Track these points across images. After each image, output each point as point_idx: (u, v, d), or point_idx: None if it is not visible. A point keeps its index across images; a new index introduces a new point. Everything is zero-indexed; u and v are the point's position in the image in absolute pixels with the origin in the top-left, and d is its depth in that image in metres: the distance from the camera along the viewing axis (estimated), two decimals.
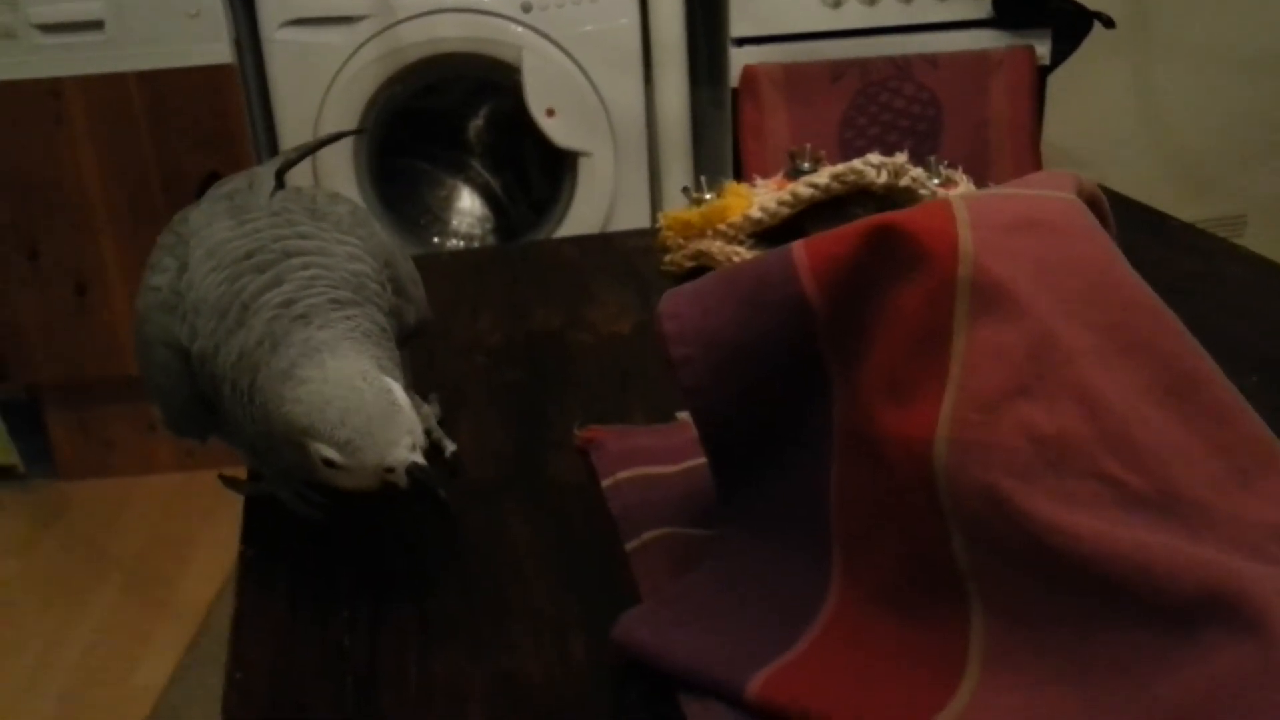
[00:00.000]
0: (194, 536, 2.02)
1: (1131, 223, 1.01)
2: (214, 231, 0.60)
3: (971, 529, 0.44)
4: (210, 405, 0.59)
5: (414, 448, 0.53)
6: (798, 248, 0.51)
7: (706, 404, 0.54)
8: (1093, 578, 0.42)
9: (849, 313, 0.49)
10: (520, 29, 1.97)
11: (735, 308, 0.52)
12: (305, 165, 1.99)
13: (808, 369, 0.51)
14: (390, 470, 0.53)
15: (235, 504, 0.65)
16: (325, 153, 2.01)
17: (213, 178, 0.73)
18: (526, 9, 1.95)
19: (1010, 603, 0.44)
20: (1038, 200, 0.50)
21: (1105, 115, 2.41)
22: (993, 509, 0.43)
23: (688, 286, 0.54)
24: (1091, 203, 0.52)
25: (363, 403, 0.53)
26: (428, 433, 0.67)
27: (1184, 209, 1.02)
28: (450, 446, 0.67)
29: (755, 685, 0.46)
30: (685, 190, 0.95)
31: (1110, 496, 0.43)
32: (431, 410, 0.69)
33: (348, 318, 0.56)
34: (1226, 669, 0.39)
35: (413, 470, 0.53)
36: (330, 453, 0.52)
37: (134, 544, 2.04)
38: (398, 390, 0.54)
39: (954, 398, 0.45)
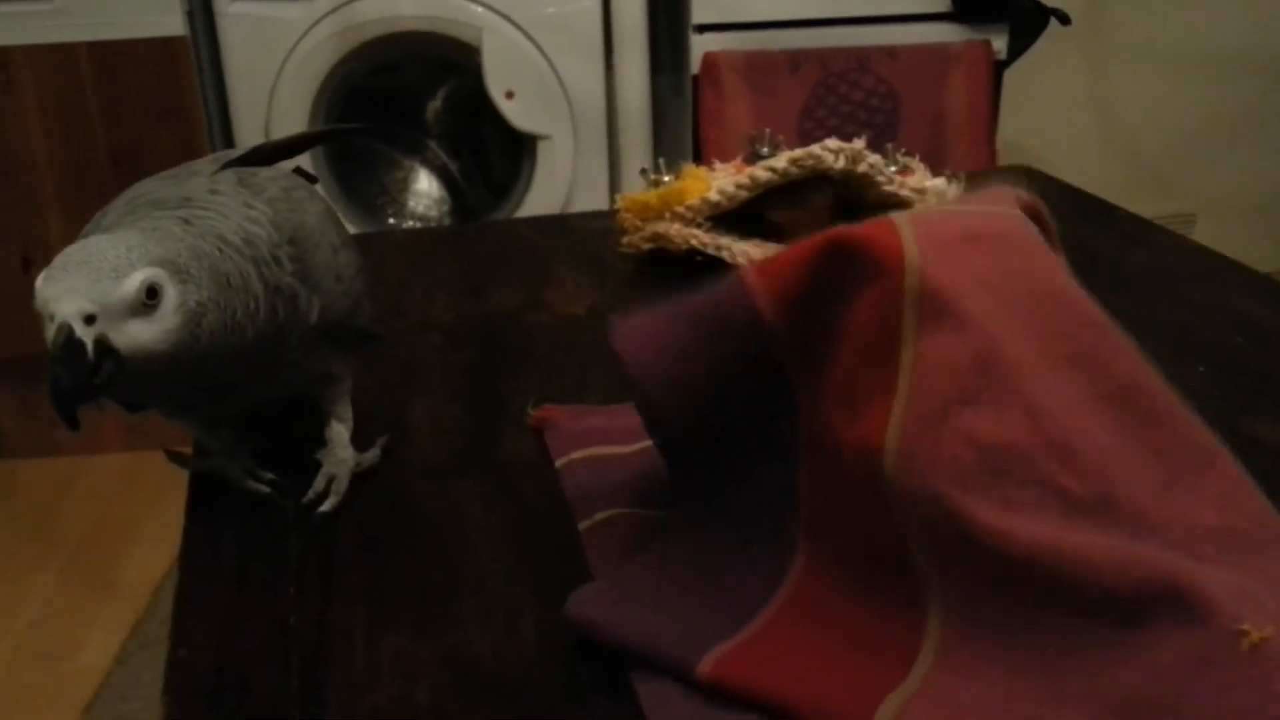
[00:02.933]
0: (141, 517, 1.99)
1: (1082, 214, 1.02)
2: (144, 185, 0.59)
3: (923, 534, 0.45)
4: None
5: (89, 321, 0.48)
6: (747, 272, 0.51)
7: (669, 423, 0.54)
8: (1040, 578, 0.43)
9: (806, 327, 0.50)
10: (480, 9, 1.95)
11: (691, 337, 0.52)
12: None
13: (771, 384, 0.51)
14: (51, 319, 0.48)
15: (183, 485, 0.64)
16: (277, 130, 1.98)
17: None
18: None
19: (964, 599, 0.44)
20: (981, 216, 0.51)
21: (1059, 111, 2.43)
22: (941, 516, 0.44)
23: (640, 318, 0.53)
24: (1034, 217, 0.53)
25: (90, 248, 0.50)
26: (331, 479, 0.60)
27: (1135, 206, 1.03)
28: (329, 503, 0.60)
29: (707, 664, 0.46)
30: (643, 172, 0.95)
31: (1053, 503, 0.44)
32: (361, 456, 0.63)
33: (188, 225, 0.54)
34: (1172, 656, 0.40)
35: (59, 339, 0.48)
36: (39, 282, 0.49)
37: (79, 524, 2.00)
38: (140, 277, 0.49)
39: (902, 407, 0.46)
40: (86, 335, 0.48)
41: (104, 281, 0.49)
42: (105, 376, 0.49)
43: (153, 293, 0.50)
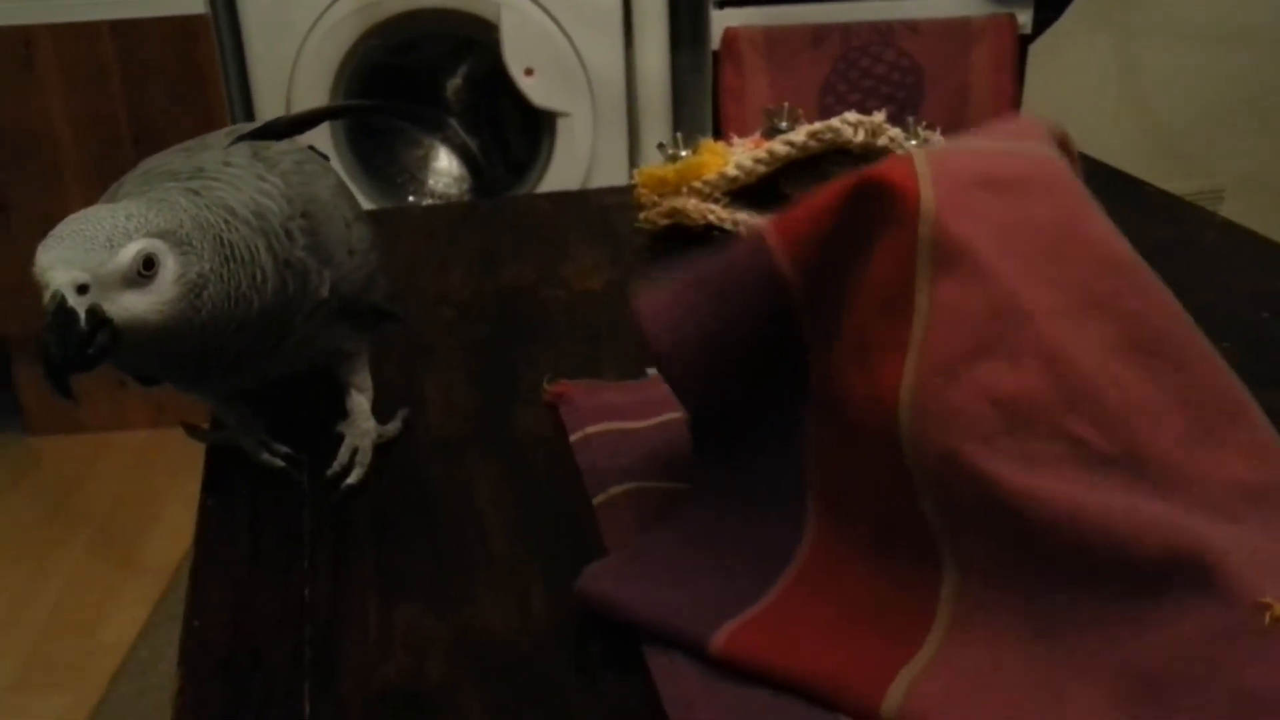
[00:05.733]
0: (164, 493, 2.01)
1: (1108, 189, 1.00)
2: (159, 158, 0.59)
3: (938, 491, 0.44)
4: None
5: (83, 291, 0.48)
6: (768, 228, 0.50)
7: (691, 389, 0.53)
8: (1058, 540, 0.42)
9: (822, 280, 0.49)
10: None
11: (711, 302, 0.51)
12: None
13: (786, 340, 0.51)
14: (45, 289, 0.48)
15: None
16: (298, 107, 1.98)
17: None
18: None
19: (980, 562, 0.44)
20: (1002, 156, 0.50)
21: (1085, 87, 2.40)
22: (956, 472, 0.43)
23: (662, 285, 0.53)
24: (1060, 145, 0.51)
25: (89, 218, 0.50)
26: (355, 451, 0.60)
27: (1162, 182, 1.01)
28: (355, 475, 0.60)
29: (720, 639, 0.46)
30: (661, 146, 0.94)
31: (1074, 456, 0.43)
32: (383, 428, 0.63)
33: (196, 196, 0.53)
34: (1191, 630, 0.39)
35: (50, 307, 0.47)
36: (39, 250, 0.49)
37: (103, 500, 2.02)
38: (136, 247, 0.49)
39: (915, 360, 0.44)
40: (79, 305, 0.48)
41: (98, 251, 0.49)
42: (99, 347, 0.49)
43: (150, 263, 0.50)
